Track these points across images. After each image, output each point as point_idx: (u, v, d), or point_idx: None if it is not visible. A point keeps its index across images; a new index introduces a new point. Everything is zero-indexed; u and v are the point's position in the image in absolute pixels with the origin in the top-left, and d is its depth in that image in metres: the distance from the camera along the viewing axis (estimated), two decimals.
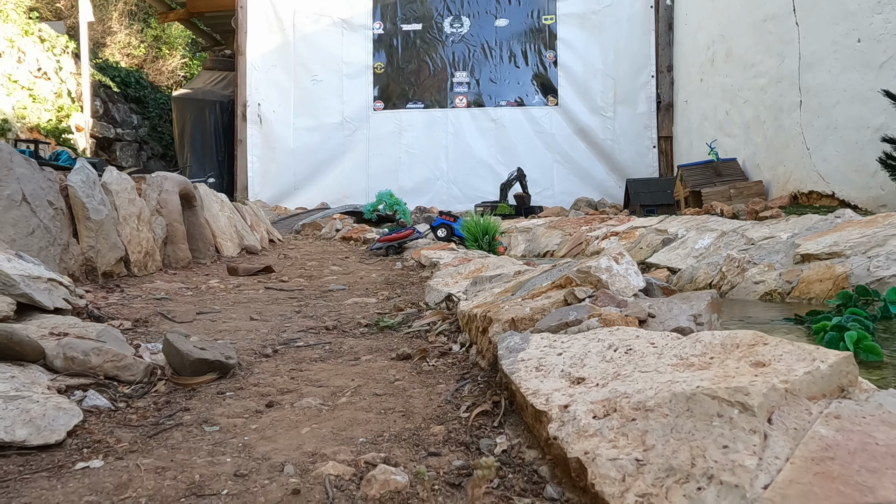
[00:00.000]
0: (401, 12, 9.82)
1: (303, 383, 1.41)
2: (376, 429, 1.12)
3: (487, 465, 0.86)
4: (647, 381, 0.89)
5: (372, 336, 1.94)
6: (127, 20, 10.49)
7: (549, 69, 9.55)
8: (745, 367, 0.89)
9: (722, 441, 0.71)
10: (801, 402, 0.77)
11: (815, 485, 0.61)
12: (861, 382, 0.89)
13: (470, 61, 9.78)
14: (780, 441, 0.70)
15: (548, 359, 1.12)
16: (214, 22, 10.50)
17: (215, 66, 10.06)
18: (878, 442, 0.68)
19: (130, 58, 10.71)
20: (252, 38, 9.55)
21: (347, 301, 2.69)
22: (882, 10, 5.25)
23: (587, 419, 0.85)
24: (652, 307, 1.24)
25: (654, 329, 1.19)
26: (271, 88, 9.69)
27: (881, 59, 5.19)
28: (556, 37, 9.52)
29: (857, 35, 5.47)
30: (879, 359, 1.47)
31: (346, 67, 9.79)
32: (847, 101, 5.55)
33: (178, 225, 3.70)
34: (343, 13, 9.73)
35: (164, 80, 11.57)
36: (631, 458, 0.74)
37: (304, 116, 9.77)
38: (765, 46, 6.80)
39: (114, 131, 9.58)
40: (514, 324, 1.37)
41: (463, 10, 9.74)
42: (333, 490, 0.88)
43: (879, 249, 2.78)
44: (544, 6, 9.55)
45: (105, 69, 9.76)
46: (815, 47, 5.96)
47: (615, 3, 9.34)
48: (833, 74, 5.72)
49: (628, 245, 4.80)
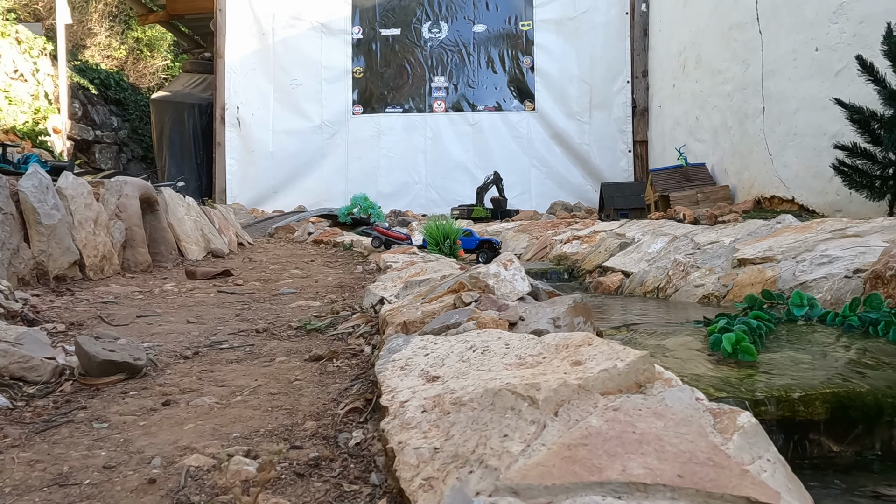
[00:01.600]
0: (379, 17, 9.91)
1: (207, 383, 1.49)
2: (255, 425, 1.20)
3: (275, 451, 0.95)
4: (476, 379, 0.98)
5: (297, 339, 2.02)
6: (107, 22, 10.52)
7: (527, 74, 9.66)
8: (564, 366, 0.98)
9: (505, 431, 0.80)
10: (592, 397, 0.86)
11: (555, 466, 0.70)
12: (671, 379, 0.98)
13: (448, 66, 9.88)
14: (554, 431, 0.78)
15: (415, 359, 1.20)
16: (195, 24, 10.56)
17: (194, 68, 10.11)
18: (636, 431, 0.77)
19: (111, 59, 10.74)
20: (231, 42, 9.61)
21: (292, 304, 2.77)
22: (838, 20, 5.38)
23: (414, 413, 0.93)
24: (526, 311, 1.33)
25: (520, 331, 1.28)
26: (250, 92, 9.75)
27: (837, 67, 5.32)
28: (532, 42, 9.64)
29: (815, 44, 5.60)
30: (753, 359, 1.57)
31: (326, 72, 9.87)
32: (806, 109, 5.69)
33: (138, 229, 3.76)
34: (322, 17, 9.81)
35: (145, 82, 11.60)
36: (431, 447, 0.82)
37: (283, 120, 9.84)
38: (731, 54, 6.93)
39: (93, 133, 9.61)
40: (405, 326, 1.45)
41: (441, 16, 9.84)
42: (188, 479, 0.96)
43: (808, 254, 2.88)
44: (521, 12, 9.66)
45: (84, 71, 9.78)
46: (777, 55, 6.09)
47: (591, 10, 9.47)
48: (793, 82, 5.85)
49: (589, 249, 4.90)
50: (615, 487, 0.67)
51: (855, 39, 5.15)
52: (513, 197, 9.05)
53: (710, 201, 6.82)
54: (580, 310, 1.29)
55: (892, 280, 2.14)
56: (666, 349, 1.71)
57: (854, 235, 2.94)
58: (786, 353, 1.65)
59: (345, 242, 5.45)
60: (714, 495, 0.66)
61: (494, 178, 8.68)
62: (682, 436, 0.77)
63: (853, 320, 1.98)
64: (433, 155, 9.88)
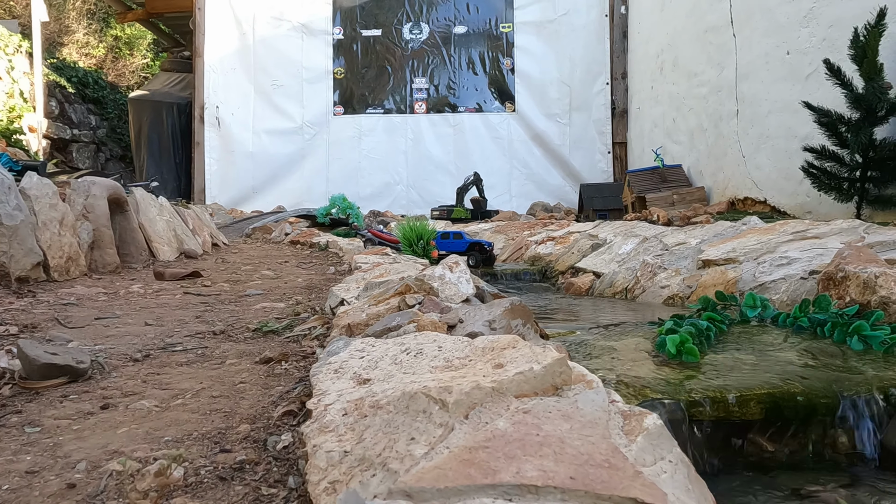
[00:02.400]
0: (360, 18, 9.90)
1: (151, 387, 1.48)
2: (190, 428, 1.20)
3: (174, 457, 0.96)
4: (399, 382, 0.99)
5: (252, 341, 2.01)
6: (85, 20, 10.40)
7: (507, 76, 9.69)
8: (486, 368, 0.99)
9: (413, 434, 0.81)
10: (505, 400, 0.87)
11: (452, 469, 0.71)
12: (592, 381, 0.99)
13: (429, 67, 9.89)
14: (460, 434, 0.79)
15: (350, 362, 1.21)
16: (175, 23, 10.48)
17: (173, 67, 10.04)
18: (540, 433, 0.78)
19: (89, 58, 10.62)
20: (211, 41, 9.55)
21: (257, 306, 2.76)
22: (808, 24, 5.46)
23: (334, 416, 0.94)
24: (465, 313, 1.34)
25: (458, 333, 1.29)
26: (231, 91, 9.70)
27: (807, 70, 5.39)
28: (513, 44, 9.67)
29: (786, 47, 5.67)
30: (696, 360, 1.59)
31: (306, 72, 9.84)
32: (778, 111, 5.76)
33: (106, 230, 3.73)
34: (303, 18, 9.79)
35: (125, 80, 11.49)
36: (342, 450, 0.83)
37: (263, 120, 9.80)
38: (706, 56, 7.00)
39: (70, 132, 9.50)
40: (350, 329, 1.46)
41: (422, 17, 9.85)
42: (110, 483, 0.95)
43: (768, 256, 2.93)
44: (502, 14, 9.69)
45: (61, 69, 9.67)
46: (750, 58, 6.17)
47: (571, 12, 9.53)
48: (765, 85, 5.92)
49: (562, 250, 4.93)
50: (507, 490, 0.68)
51: (824, 43, 5.22)
52: (493, 198, 9.07)
53: (686, 202, 6.89)
54: (518, 312, 1.30)
55: (843, 282, 2.18)
56: (614, 350, 1.73)
57: (814, 237, 2.99)
58: (730, 355, 1.68)
59: (320, 243, 5.44)
60: (602, 496, 0.67)
61: (474, 178, 8.70)
62: (585, 438, 0.78)
63: (803, 321, 2.01)
64: (414, 156, 9.89)
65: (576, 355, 1.65)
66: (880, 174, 4.53)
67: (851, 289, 2.14)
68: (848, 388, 1.40)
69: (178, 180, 9.45)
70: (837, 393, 1.38)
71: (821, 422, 1.38)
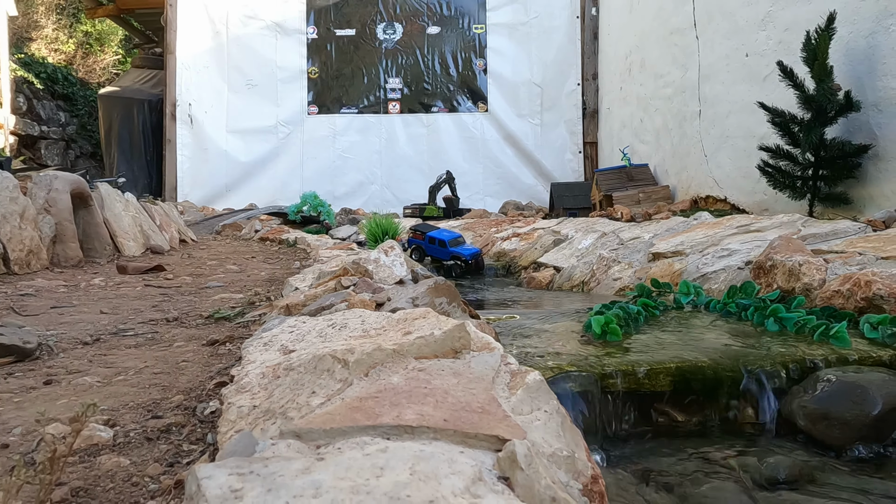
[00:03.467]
0: (334, 17, 9.93)
1: (97, 366, 1.54)
2: (127, 400, 1.27)
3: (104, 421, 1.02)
4: (313, 349, 1.06)
5: (204, 327, 2.07)
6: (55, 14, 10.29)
7: (479, 76, 9.80)
8: (397, 336, 1.07)
9: (315, 389, 0.89)
10: (405, 361, 0.96)
11: (340, 414, 0.79)
12: (495, 347, 1.08)
13: (403, 67, 9.96)
14: (358, 387, 0.88)
15: (281, 336, 1.28)
16: (146, 19, 10.41)
17: (145, 63, 9.98)
18: (428, 387, 0.87)
19: (58, 53, 10.51)
20: (183, 38, 9.51)
21: (215, 297, 2.81)
22: (766, 28, 5.64)
23: (251, 379, 1.02)
24: (393, 292, 1.42)
25: (384, 310, 1.37)
26: (204, 89, 9.67)
27: (765, 72, 5.56)
28: (485, 46, 9.78)
29: (745, 49, 5.85)
30: (618, 339, 1.69)
31: (281, 72, 9.85)
32: (737, 112, 5.93)
33: (69, 224, 3.75)
34: (276, 17, 9.79)
35: (95, 77, 11.38)
36: (251, 405, 0.91)
37: (237, 119, 9.78)
38: (671, 58, 7.17)
39: (38, 129, 9.40)
40: (288, 309, 1.53)
41: (396, 17, 9.91)
42: (41, 444, 1.02)
43: (712, 248, 3.05)
44: (475, 16, 9.80)
45: (30, 65, 9.57)
46: (712, 60, 6.34)
47: (542, 15, 9.66)
48: (726, 86, 6.10)
49: (526, 245, 5.03)
50: (386, 430, 0.76)
51: (780, 46, 5.40)
52: (466, 197, 9.17)
53: (652, 201, 7.05)
54: (443, 290, 1.39)
55: (772, 270, 2.30)
56: (547, 332, 1.83)
57: (756, 231, 3.12)
58: (654, 335, 1.78)
59: (289, 240, 5.49)
60: (469, 434, 0.76)
61: (447, 177, 8.78)
62: (468, 390, 0.87)
63: (731, 307, 2.13)
64: (388, 155, 9.96)
65: (508, 334, 1.74)
66: (830, 172, 4.70)
67: (779, 276, 2.26)
68: (752, 364, 1.51)
69: (149, 177, 9.40)
70: (742, 367, 1.49)
71: (727, 394, 1.49)
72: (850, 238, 2.53)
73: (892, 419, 1.31)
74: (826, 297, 2.03)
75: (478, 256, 4.53)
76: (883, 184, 4.33)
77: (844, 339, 1.64)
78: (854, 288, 1.93)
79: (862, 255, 2.19)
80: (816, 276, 2.13)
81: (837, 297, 1.99)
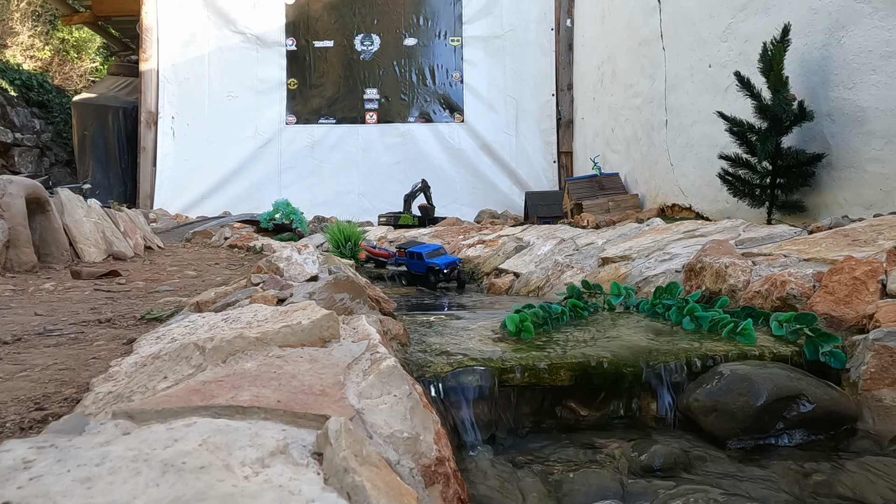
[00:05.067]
0: (313, 30, 10.00)
1: (6, 363, 1.55)
2: (20, 394, 1.27)
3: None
4: (188, 339, 1.08)
5: (133, 327, 2.08)
6: (30, 21, 10.27)
7: (455, 87, 9.88)
8: (275, 326, 1.09)
9: (167, 374, 0.90)
10: (268, 348, 0.98)
11: (177, 396, 0.81)
12: (372, 338, 1.11)
13: (380, 79, 10.03)
14: (209, 372, 0.90)
15: (175, 330, 1.30)
16: (123, 27, 10.41)
17: (120, 71, 9.97)
18: (278, 372, 0.89)
19: (34, 60, 10.47)
20: (160, 47, 9.53)
21: (161, 300, 2.81)
22: (727, 39, 5.75)
23: (122, 368, 1.03)
24: (297, 289, 1.44)
25: (287, 305, 1.39)
26: (184, 101, 9.70)
27: (726, 83, 5.67)
28: (462, 58, 9.87)
29: (708, 60, 5.96)
30: (531, 337, 1.72)
31: (260, 83, 9.91)
32: (701, 122, 6.03)
33: (22, 229, 3.73)
34: (256, 29, 9.85)
35: (72, 84, 11.34)
36: (107, 391, 0.92)
37: (216, 130, 9.81)
38: (640, 68, 7.28)
39: (12, 136, 9.35)
40: (198, 306, 1.55)
41: (373, 29, 9.99)
42: None
43: (658, 253, 3.10)
44: (451, 28, 9.90)
45: (4, 71, 9.53)
46: (677, 70, 6.44)
47: (518, 27, 9.78)
48: (690, 96, 6.20)
49: (490, 252, 5.07)
50: (218, 410, 0.78)
51: (740, 57, 5.50)
52: (442, 205, 9.21)
53: (621, 209, 7.12)
54: (344, 286, 1.41)
55: (701, 272, 2.35)
56: (467, 330, 1.85)
57: (700, 236, 3.18)
58: (570, 334, 1.81)
59: (255, 247, 5.49)
60: (299, 414, 0.78)
61: (422, 185, 8.82)
62: (317, 375, 0.89)
63: (659, 307, 2.16)
64: (365, 165, 10.01)
65: (427, 331, 1.77)
66: (787, 181, 4.79)
67: (707, 278, 2.30)
68: (655, 359, 1.54)
69: (123, 185, 9.36)
70: (642, 362, 1.52)
71: (628, 388, 1.52)
72: (782, 241, 2.58)
73: (775, 410, 1.34)
74: (748, 298, 2.08)
75: (455, 265, 4.44)
76: (836, 192, 4.42)
77: (750, 335, 1.68)
78: (771, 288, 1.98)
79: (786, 256, 2.24)
80: (742, 277, 2.18)
81: (757, 298, 2.03)
